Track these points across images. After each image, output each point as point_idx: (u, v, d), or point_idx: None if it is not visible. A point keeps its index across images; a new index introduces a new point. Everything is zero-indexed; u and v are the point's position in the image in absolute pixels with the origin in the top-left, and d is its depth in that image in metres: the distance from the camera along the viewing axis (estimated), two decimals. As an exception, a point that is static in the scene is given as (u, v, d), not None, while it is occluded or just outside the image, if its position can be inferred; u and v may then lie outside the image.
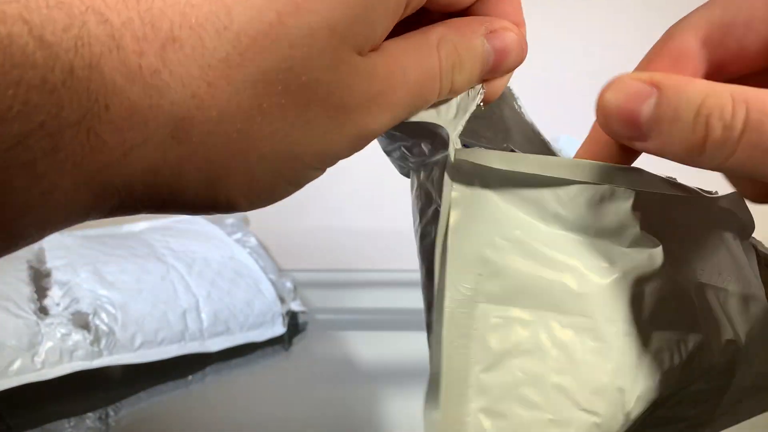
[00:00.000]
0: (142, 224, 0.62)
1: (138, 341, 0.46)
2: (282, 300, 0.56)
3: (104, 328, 0.44)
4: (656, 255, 0.22)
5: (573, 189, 0.21)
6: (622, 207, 0.22)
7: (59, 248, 0.50)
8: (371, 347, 0.54)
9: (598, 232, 0.22)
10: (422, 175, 0.25)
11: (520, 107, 0.25)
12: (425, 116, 0.21)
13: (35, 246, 0.53)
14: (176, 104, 0.15)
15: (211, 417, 0.45)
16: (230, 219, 0.67)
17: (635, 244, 0.22)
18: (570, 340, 0.22)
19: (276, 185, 0.18)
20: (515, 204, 0.22)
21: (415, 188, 0.26)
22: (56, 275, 0.47)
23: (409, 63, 0.19)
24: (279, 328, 0.54)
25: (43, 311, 0.44)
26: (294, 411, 0.45)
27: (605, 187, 0.21)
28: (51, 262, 0.49)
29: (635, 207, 0.22)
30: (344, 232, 0.73)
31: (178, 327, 0.48)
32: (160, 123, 0.15)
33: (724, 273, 0.23)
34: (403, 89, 0.19)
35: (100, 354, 0.44)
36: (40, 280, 0.48)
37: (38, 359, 0.41)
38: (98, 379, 0.45)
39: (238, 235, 0.64)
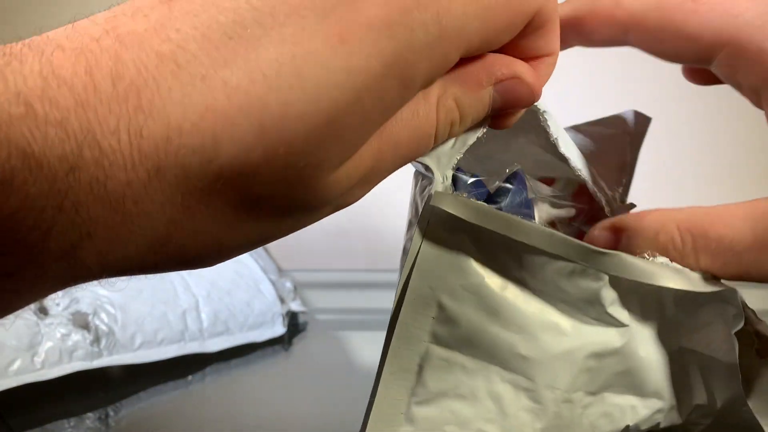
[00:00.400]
0: (141, 224, 0.62)
1: (138, 341, 0.45)
2: (282, 300, 0.56)
3: (104, 328, 0.44)
4: (621, 334, 0.22)
5: (543, 257, 0.21)
6: (592, 286, 0.22)
7: (59, 248, 0.50)
8: (371, 347, 0.53)
9: (563, 301, 0.22)
10: (419, 184, 0.25)
11: (545, 120, 0.23)
12: None
13: (35, 246, 0.53)
14: (155, 228, 0.15)
15: (211, 417, 0.45)
16: (230, 219, 0.67)
17: (600, 321, 0.22)
18: (506, 395, 0.22)
19: (245, 251, 0.19)
20: (486, 256, 0.21)
21: (412, 194, 0.26)
22: (56, 275, 0.47)
23: (402, 135, 0.18)
24: (279, 329, 0.54)
25: (42, 311, 0.44)
26: (294, 411, 0.45)
27: (577, 264, 0.21)
28: (51, 262, 0.49)
29: (607, 287, 0.22)
30: (344, 232, 0.73)
31: (177, 327, 0.48)
32: (138, 244, 0.15)
33: (714, 344, 0.23)
34: (391, 162, 0.18)
35: (99, 354, 0.44)
36: (39, 280, 0.48)
37: (38, 359, 0.41)
38: (98, 379, 0.45)
39: (238, 235, 0.64)
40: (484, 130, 0.21)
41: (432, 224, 0.21)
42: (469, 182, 0.22)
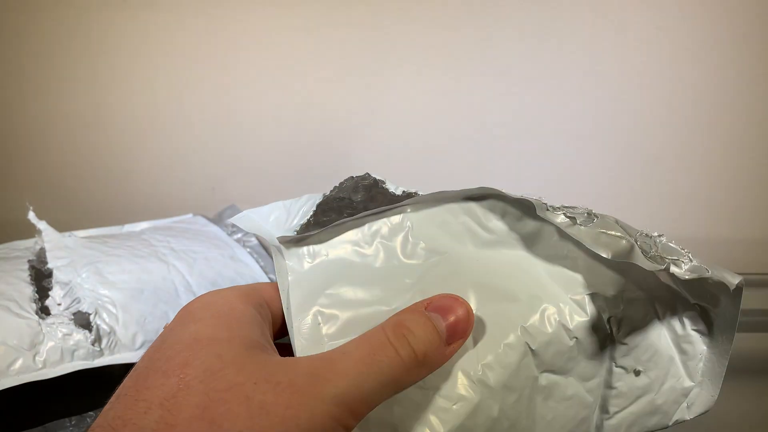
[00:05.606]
0: (143, 224, 0.62)
1: (139, 341, 0.46)
2: (282, 300, 0.56)
3: (105, 327, 0.44)
4: (439, 261, 0.26)
5: (366, 228, 0.27)
6: (402, 227, 0.27)
7: (60, 248, 0.50)
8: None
9: (398, 254, 0.27)
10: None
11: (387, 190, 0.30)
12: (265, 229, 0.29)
13: (36, 246, 0.53)
14: None
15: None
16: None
17: (418, 256, 0.27)
18: None
19: None
20: (338, 255, 0.27)
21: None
22: (57, 275, 0.47)
23: (349, 347, 0.22)
24: (279, 328, 0.54)
25: (44, 311, 0.45)
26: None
27: (382, 219, 0.27)
28: (52, 262, 0.49)
29: (411, 229, 0.27)
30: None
31: (178, 326, 0.48)
32: None
33: (556, 245, 0.27)
34: (347, 361, 0.21)
35: (101, 353, 0.44)
36: (41, 280, 0.48)
37: (39, 359, 0.41)
38: (99, 379, 0.45)
39: (239, 235, 0.64)
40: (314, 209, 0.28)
41: (290, 256, 0.27)
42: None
